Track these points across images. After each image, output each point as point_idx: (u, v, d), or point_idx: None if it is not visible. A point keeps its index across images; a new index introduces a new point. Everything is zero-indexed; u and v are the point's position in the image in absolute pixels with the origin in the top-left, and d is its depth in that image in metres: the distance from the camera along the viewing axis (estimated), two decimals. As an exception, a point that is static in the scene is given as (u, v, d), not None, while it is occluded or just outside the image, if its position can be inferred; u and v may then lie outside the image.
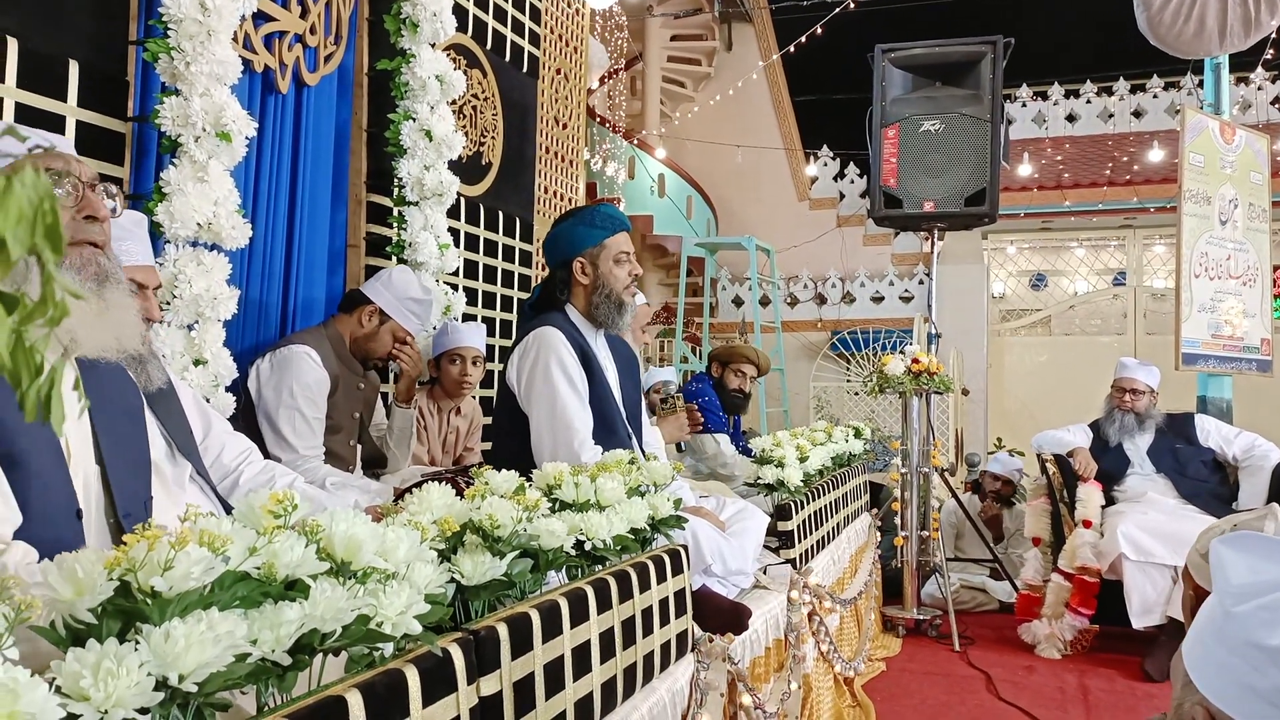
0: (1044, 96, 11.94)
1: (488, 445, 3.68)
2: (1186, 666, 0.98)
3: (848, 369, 11.20)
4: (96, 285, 1.48)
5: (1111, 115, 11.72)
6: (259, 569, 0.99)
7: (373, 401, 3.31)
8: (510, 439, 2.66)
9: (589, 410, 2.60)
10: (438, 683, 1.15)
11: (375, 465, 3.33)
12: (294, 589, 1.02)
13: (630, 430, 2.78)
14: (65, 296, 0.45)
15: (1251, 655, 0.90)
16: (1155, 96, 11.58)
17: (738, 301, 11.94)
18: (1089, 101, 11.82)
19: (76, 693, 0.79)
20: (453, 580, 1.31)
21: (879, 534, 5.02)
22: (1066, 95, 11.92)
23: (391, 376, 3.48)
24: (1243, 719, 0.90)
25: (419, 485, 1.53)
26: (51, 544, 1.22)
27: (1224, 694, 0.92)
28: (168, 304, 2.51)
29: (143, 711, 0.83)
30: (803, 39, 9.64)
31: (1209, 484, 4.68)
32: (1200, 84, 6.51)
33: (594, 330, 2.77)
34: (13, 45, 2.34)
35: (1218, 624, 0.95)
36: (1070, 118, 11.85)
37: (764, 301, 11.19)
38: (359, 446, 3.21)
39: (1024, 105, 11.86)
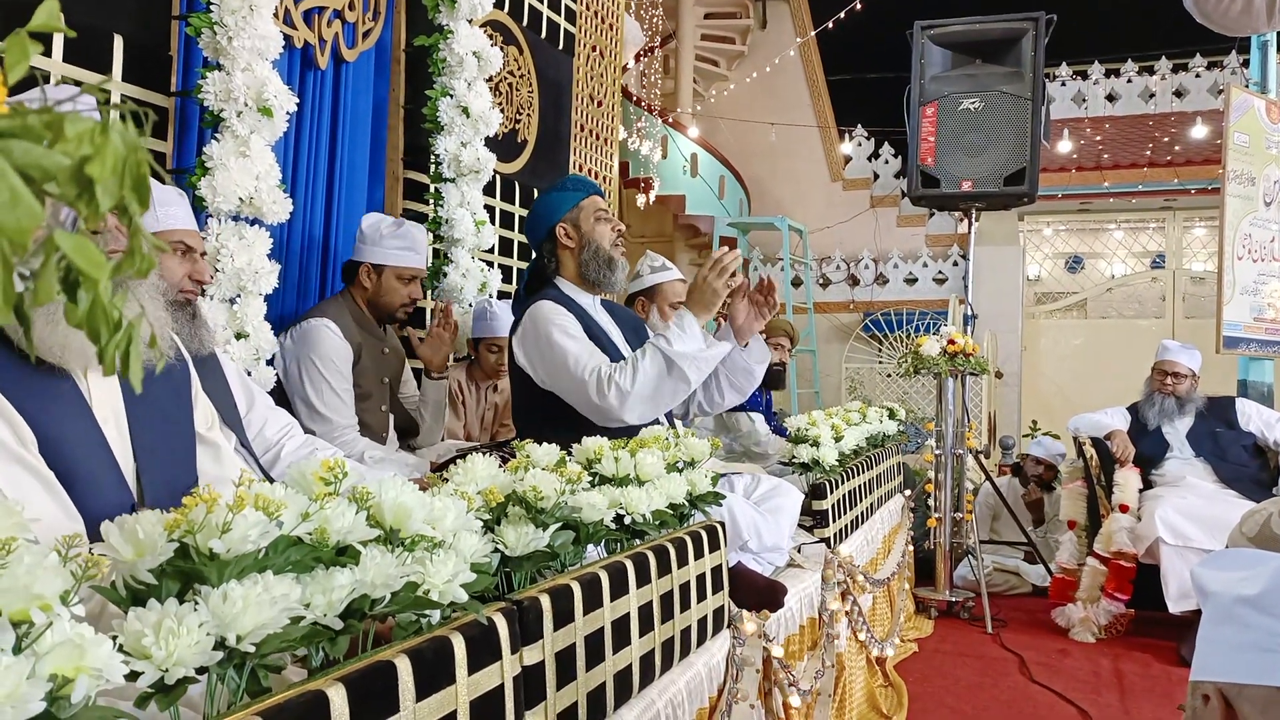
0: (1084, 75, 11.73)
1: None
2: (1193, 672, 1.01)
3: (880, 351, 11.12)
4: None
5: (1153, 95, 11.49)
6: (311, 534, 1.00)
7: (399, 367, 3.30)
8: (531, 417, 2.64)
9: (604, 354, 2.54)
10: (483, 651, 1.15)
11: (407, 435, 3.34)
12: (344, 555, 1.04)
13: None
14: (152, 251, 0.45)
15: (1239, 612, 0.93)
16: (1198, 76, 11.33)
17: (769, 282, 11.86)
18: (1130, 81, 11.60)
19: (138, 651, 0.80)
20: (496, 551, 1.32)
21: (911, 515, 5.00)
22: (1107, 74, 11.69)
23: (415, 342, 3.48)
24: (1240, 678, 0.93)
25: (461, 458, 1.54)
26: None
27: (1218, 667, 0.95)
28: (211, 277, 2.54)
29: (201, 671, 0.84)
30: (841, 15, 9.51)
31: (1249, 469, 4.62)
32: (1245, 63, 6.39)
33: (590, 298, 2.73)
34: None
35: (1206, 615, 0.99)
36: (1110, 97, 11.64)
37: (796, 282, 11.12)
38: (391, 414, 3.22)
39: (1063, 84, 11.66)
